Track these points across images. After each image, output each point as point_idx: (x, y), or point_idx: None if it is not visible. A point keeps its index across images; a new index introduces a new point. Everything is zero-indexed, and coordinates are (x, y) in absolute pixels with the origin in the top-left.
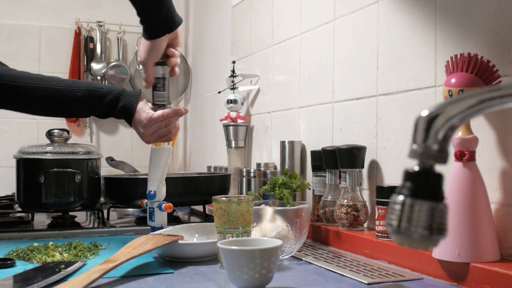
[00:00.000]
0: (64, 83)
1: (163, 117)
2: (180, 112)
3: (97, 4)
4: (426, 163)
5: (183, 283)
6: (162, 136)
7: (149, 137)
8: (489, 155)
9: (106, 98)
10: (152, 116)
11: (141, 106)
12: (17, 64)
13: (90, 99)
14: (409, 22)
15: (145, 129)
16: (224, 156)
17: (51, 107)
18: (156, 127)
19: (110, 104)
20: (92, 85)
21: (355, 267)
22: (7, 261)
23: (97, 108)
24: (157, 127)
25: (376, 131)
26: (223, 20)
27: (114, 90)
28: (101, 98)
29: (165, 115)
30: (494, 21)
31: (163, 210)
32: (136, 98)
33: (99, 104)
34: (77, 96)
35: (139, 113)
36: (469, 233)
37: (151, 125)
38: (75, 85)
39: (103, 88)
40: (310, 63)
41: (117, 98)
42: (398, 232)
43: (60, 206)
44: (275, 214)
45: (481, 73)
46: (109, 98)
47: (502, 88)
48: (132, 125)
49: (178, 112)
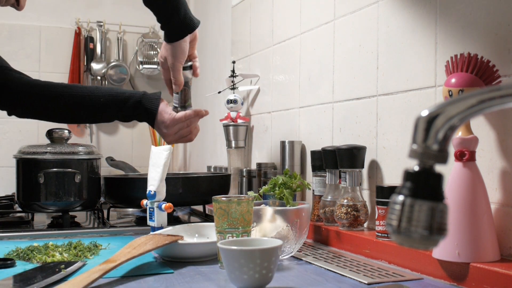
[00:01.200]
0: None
1: (185, 118)
2: (201, 113)
3: (97, 4)
4: (426, 163)
5: (183, 283)
6: (184, 136)
7: (171, 137)
8: (489, 155)
9: (128, 102)
10: (175, 117)
11: (163, 108)
12: (17, 64)
13: (113, 104)
14: (409, 22)
15: (168, 130)
16: (224, 156)
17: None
18: (179, 128)
19: (132, 108)
20: (114, 90)
21: (355, 267)
22: (7, 261)
23: (120, 112)
24: (179, 127)
25: (376, 131)
26: (223, 20)
27: (135, 94)
28: (124, 102)
29: (187, 116)
30: (494, 21)
31: (163, 210)
32: (157, 101)
33: (122, 108)
34: (100, 101)
35: (162, 115)
36: (469, 233)
37: (174, 126)
38: (98, 91)
39: (125, 93)
40: (310, 63)
41: (139, 102)
42: (398, 232)
43: (60, 206)
44: (275, 214)
45: (481, 73)
46: (131, 102)
47: (502, 88)
48: (155, 126)
49: (199, 113)
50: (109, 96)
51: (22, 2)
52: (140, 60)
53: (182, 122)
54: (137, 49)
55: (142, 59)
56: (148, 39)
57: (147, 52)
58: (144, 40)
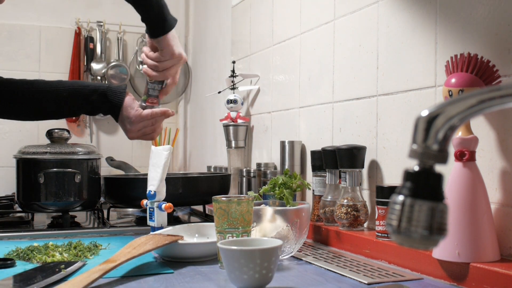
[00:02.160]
0: (49, 84)
1: (151, 116)
2: (168, 113)
3: (97, 4)
4: (426, 163)
5: (183, 283)
6: (147, 134)
7: (134, 133)
8: (489, 155)
9: (92, 96)
10: (142, 114)
11: (130, 103)
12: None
13: (78, 97)
14: (409, 22)
15: (132, 126)
16: (224, 156)
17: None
18: (143, 125)
19: (97, 102)
20: (77, 84)
21: (355, 267)
22: (7, 261)
23: (85, 105)
24: (144, 125)
25: (376, 131)
26: (223, 20)
27: (100, 87)
28: (88, 95)
29: (154, 114)
30: (494, 21)
31: (163, 210)
32: (122, 94)
33: (87, 102)
34: (63, 96)
35: (128, 110)
36: (469, 233)
37: (139, 123)
38: (61, 85)
39: (89, 86)
40: (310, 63)
41: (104, 94)
42: (398, 232)
43: (60, 206)
44: (275, 214)
45: (481, 73)
46: (96, 95)
47: (502, 88)
48: (119, 120)
49: (166, 113)
50: (73, 89)
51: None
52: (140, 60)
53: (148, 120)
54: (137, 49)
55: (142, 59)
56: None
57: None
58: (144, 40)
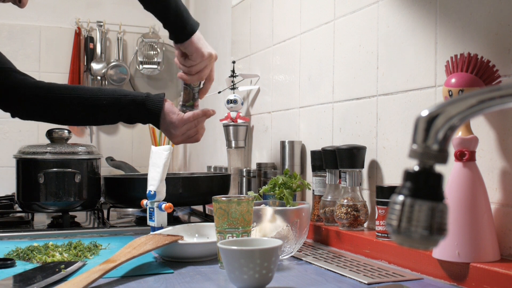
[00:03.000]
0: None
1: (194, 118)
2: (209, 113)
3: (97, 4)
4: (426, 163)
5: (183, 283)
6: (191, 136)
7: (179, 137)
8: (489, 155)
9: (131, 105)
10: (184, 117)
11: (170, 108)
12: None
13: (116, 106)
14: (409, 22)
15: (176, 130)
16: (224, 156)
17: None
18: (187, 128)
19: (135, 111)
20: (117, 92)
21: (355, 267)
22: (7, 261)
23: (123, 114)
24: (187, 128)
25: (376, 131)
26: (223, 20)
27: (138, 97)
28: (127, 104)
29: (196, 115)
30: (494, 21)
31: (163, 210)
32: (160, 103)
33: (125, 110)
34: (103, 104)
35: (170, 115)
36: (469, 233)
37: (182, 126)
38: (101, 93)
39: (128, 95)
40: (310, 63)
41: (142, 104)
42: (398, 232)
43: (60, 206)
44: (275, 214)
45: (481, 73)
46: (134, 104)
47: (502, 88)
48: (161, 127)
49: (207, 113)
50: (112, 98)
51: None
52: (140, 60)
53: (191, 122)
54: (137, 49)
55: (142, 59)
56: (148, 39)
57: (147, 52)
58: (144, 40)
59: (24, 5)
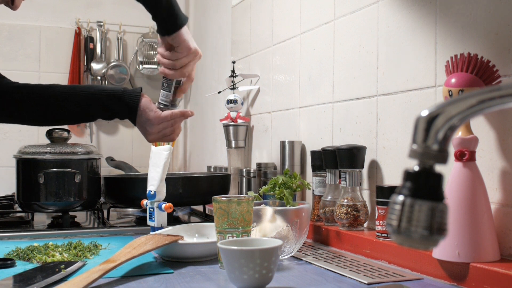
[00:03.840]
0: (65, 89)
1: (171, 117)
2: (187, 114)
3: (97, 4)
4: (426, 163)
5: (183, 283)
6: (167, 135)
7: (154, 135)
8: (489, 155)
9: (108, 101)
10: (161, 115)
11: (147, 105)
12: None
13: (93, 103)
14: (409, 22)
15: (152, 128)
16: (224, 156)
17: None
18: (163, 126)
19: (113, 106)
20: (92, 88)
21: (355, 267)
22: (7, 261)
23: (101, 111)
24: (164, 126)
25: (376, 131)
26: (223, 20)
27: (115, 91)
28: (104, 100)
29: (173, 115)
30: (494, 21)
31: (163, 210)
32: (137, 97)
33: (102, 107)
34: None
35: (147, 112)
36: (469, 233)
37: (159, 124)
38: (77, 90)
39: (105, 91)
40: (310, 63)
41: (119, 99)
42: (398, 232)
43: (60, 206)
44: (275, 214)
45: (481, 73)
46: (112, 100)
47: (502, 88)
48: (137, 123)
49: (185, 114)
50: (88, 94)
51: (17, 2)
52: (140, 60)
53: (167, 121)
54: (137, 49)
55: (142, 59)
56: (148, 39)
57: (147, 52)
58: (144, 40)
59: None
